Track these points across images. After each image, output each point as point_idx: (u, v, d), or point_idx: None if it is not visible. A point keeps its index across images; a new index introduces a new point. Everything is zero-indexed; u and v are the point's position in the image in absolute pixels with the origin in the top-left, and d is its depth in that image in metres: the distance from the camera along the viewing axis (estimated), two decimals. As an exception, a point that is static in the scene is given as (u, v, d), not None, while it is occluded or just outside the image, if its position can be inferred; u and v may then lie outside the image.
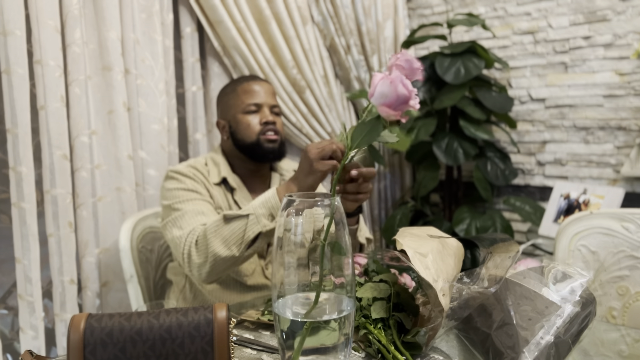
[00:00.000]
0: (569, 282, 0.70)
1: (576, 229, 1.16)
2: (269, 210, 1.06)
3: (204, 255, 1.08)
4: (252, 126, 1.29)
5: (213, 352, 0.58)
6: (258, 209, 1.06)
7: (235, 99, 1.32)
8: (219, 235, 1.07)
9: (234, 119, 1.31)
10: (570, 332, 0.67)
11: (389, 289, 0.82)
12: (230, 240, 1.06)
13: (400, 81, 0.56)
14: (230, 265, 1.09)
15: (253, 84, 1.32)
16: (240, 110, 1.30)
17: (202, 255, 1.09)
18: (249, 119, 1.29)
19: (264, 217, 1.06)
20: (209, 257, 1.07)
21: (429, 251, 0.75)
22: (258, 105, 1.30)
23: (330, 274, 0.63)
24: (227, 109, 1.34)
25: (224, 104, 1.36)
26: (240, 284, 1.26)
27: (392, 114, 0.57)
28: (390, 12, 2.40)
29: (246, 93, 1.31)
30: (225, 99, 1.35)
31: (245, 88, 1.32)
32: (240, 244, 1.06)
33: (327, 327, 0.62)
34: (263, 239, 1.08)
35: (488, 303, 0.73)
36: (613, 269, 1.12)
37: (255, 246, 1.08)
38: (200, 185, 1.25)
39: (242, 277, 1.24)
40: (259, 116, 1.30)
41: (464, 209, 2.14)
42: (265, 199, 1.07)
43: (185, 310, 0.60)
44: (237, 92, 1.32)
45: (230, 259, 1.07)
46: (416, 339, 0.74)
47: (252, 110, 1.30)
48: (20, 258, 1.30)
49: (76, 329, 0.57)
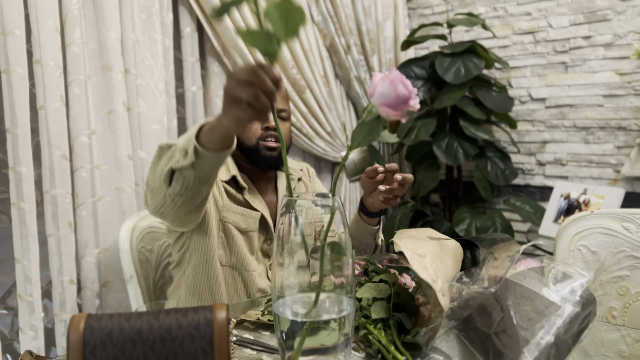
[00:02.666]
0: (569, 282, 0.70)
1: (576, 229, 1.16)
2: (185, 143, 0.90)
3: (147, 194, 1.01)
4: (253, 129, 1.23)
5: (213, 352, 0.58)
6: (181, 139, 0.94)
7: None
8: (154, 173, 0.99)
9: None
10: (571, 332, 0.67)
11: (389, 289, 0.82)
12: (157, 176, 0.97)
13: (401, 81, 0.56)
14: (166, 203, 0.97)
15: None
16: None
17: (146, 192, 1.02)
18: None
19: (179, 152, 0.91)
20: (148, 196, 1.01)
21: (427, 252, 0.75)
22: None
23: (330, 274, 0.63)
24: None
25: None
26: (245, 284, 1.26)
27: (393, 114, 0.57)
28: (390, 12, 2.40)
29: None
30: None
31: None
32: (160, 182, 0.95)
33: (327, 327, 0.62)
34: (179, 175, 0.92)
35: (488, 303, 0.73)
36: (613, 269, 1.12)
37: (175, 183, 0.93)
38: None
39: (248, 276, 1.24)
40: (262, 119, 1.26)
41: (464, 209, 2.14)
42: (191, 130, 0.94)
43: (185, 311, 0.60)
44: None
45: (162, 197, 0.97)
46: (416, 339, 0.73)
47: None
48: (19, 258, 1.30)
49: (76, 329, 0.57)
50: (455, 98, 2.02)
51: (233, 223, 1.21)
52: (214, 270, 1.24)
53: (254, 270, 1.24)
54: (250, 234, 1.23)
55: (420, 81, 2.21)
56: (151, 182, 0.99)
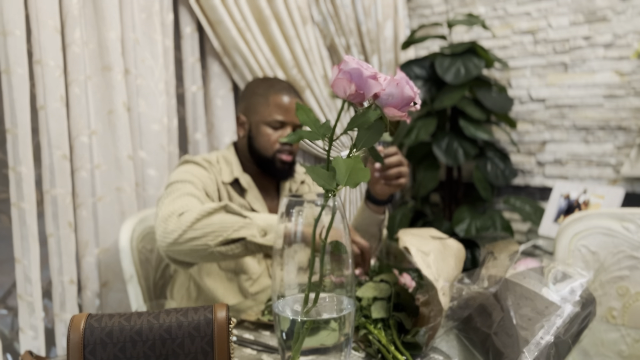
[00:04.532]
0: (569, 282, 0.70)
1: (576, 229, 1.16)
2: (266, 226, 1.01)
3: (178, 226, 0.99)
4: (272, 142, 1.27)
5: (213, 352, 0.58)
6: (258, 220, 1.01)
7: (265, 107, 1.28)
8: (204, 218, 0.99)
9: (256, 125, 1.28)
10: (570, 332, 0.67)
11: (390, 289, 0.82)
12: (212, 227, 0.98)
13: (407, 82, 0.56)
14: (197, 251, 1.00)
15: (286, 97, 1.28)
16: (264, 121, 1.27)
17: (176, 225, 1.00)
18: (269, 133, 1.26)
19: (257, 229, 1.00)
20: (181, 228, 0.99)
21: (430, 250, 0.75)
22: (283, 123, 1.27)
23: (330, 274, 0.63)
24: (252, 111, 1.30)
25: (251, 104, 1.31)
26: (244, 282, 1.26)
27: (398, 115, 0.57)
28: (390, 12, 2.40)
29: (277, 107, 1.27)
30: (254, 99, 1.31)
31: (277, 101, 1.27)
32: (217, 236, 0.98)
33: (327, 327, 0.63)
34: (243, 246, 1.00)
35: (488, 303, 0.73)
36: (613, 269, 1.12)
37: (229, 247, 0.99)
38: (211, 176, 1.23)
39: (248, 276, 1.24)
40: (281, 133, 1.27)
41: (464, 209, 2.14)
42: (271, 217, 1.03)
43: (185, 311, 0.60)
44: (269, 101, 1.28)
45: (199, 245, 0.99)
46: (416, 339, 0.74)
47: (276, 127, 1.27)
48: (20, 258, 1.30)
49: (76, 329, 0.57)
50: (455, 98, 2.02)
51: None
52: (212, 274, 1.25)
53: (253, 274, 1.24)
54: None
55: (420, 81, 2.21)
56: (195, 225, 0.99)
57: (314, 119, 0.61)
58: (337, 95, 0.58)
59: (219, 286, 1.25)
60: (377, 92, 0.57)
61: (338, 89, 0.57)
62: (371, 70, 0.56)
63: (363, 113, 0.59)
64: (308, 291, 0.60)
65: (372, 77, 0.56)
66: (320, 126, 0.61)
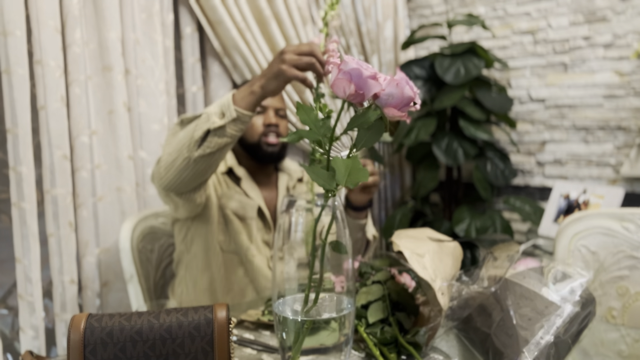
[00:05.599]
0: (569, 282, 0.70)
1: (576, 229, 1.16)
2: (220, 108, 1.03)
3: (161, 163, 1.08)
4: (255, 127, 1.31)
5: (213, 352, 0.58)
6: (211, 108, 1.04)
7: None
8: (173, 141, 1.06)
9: None
10: (570, 332, 0.67)
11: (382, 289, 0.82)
12: (182, 142, 1.04)
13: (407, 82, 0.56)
14: (183, 167, 1.05)
15: None
16: None
17: (160, 165, 1.09)
18: (253, 120, 1.30)
19: (214, 115, 1.02)
20: (162, 165, 1.08)
21: (426, 252, 0.75)
22: (264, 107, 1.32)
23: (330, 274, 0.64)
24: None
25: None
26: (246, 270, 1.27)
27: (398, 115, 0.57)
28: (390, 12, 2.40)
29: None
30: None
31: None
32: (189, 144, 1.03)
33: (327, 327, 0.63)
34: (213, 136, 1.02)
35: (488, 303, 0.73)
36: (613, 269, 1.12)
37: (206, 145, 1.03)
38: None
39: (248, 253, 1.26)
40: (263, 118, 1.32)
41: (463, 209, 2.14)
42: (221, 99, 1.05)
43: (185, 310, 0.61)
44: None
45: (180, 161, 1.05)
46: (416, 338, 0.74)
47: (257, 112, 1.31)
48: (20, 258, 1.30)
49: (76, 329, 0.57)
50: (455, 98, 2.02)
51: (231, 209, 1.27)
52: (216, 255, 1.26)
53: (254, 256, 1.26)
54: (248, 222, 1.28)
55: (420, 81, 2.21)
56: (168, 153, 1.06)
57: (315, 119, 0.61)
58: (337, 95, 0.58)
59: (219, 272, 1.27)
60: (377, 92, 0.57)
61: (338, 89, 0.57)
62: (371, 70, 0.56)
63: (363, 113, 0.59)
64: (308, 291, 0.61)
65: (372, 77, 0.56)
66: (320, 126, 0.61)
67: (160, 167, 1.10)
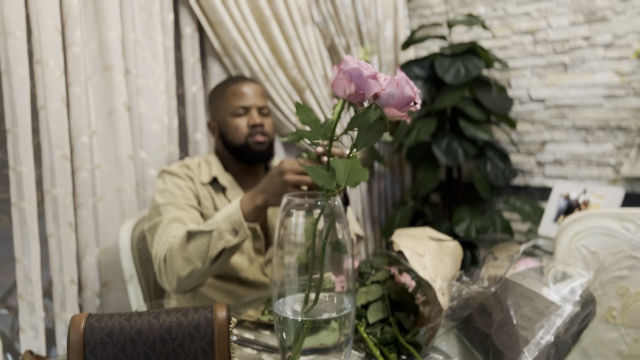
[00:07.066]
0: (569, 282, 0.70)
1: (576, 229, 1.16)
2: (232, 225, 1.06)
3: (171, 273, 1.10)
4: (240, 129, 1.30)
5: (213, 352, 0.58)
6: (221, 224, 1.06)
7: (224, 101, 1.33)
8: (183, 254, 1.08)
9: (223, 121, 1.33)
10: (570, 332, 0.67)
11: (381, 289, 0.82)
12: (194, 257, 1.07)
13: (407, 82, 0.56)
14: (198, 278, 1.09)
15: (241, 85, 1.33)
16: (228, 113, 1.32)
17: (169, 273, 1.10)
18: (237, 122, 1.31)
19: (227, 233, 1.05)
20: (174, 276, 1.09)
21: (426, 251, 0.75)
22: (246, 108, 1.32)
23: (330, 273, 0.63)
24: (216, 111, 1.36)
25: (214, 106, 1.37)
26: (238, 281, 1.26)
27: (398, 115, 0.57)
28: (390, 12, 2.40)
29: (234, 96, 1.32)
30: (214, 101, 1.37)
31: (233, 90, 1.32)
32: (204, 260, 1.06)
33: (327, 327, 0.63)
34: (227, 254, 1.08)
35: (488, 303, 0.73)
36: (613, 269, 1.12)
37: (220, 261, 1.08)
38: (188, 183, 1.26)
39: (240, 273, 1.25)
40: (247, 119, 1.31)
41: (463, 209, 2.14)
42: (229, 213, 1.07)
43: (185, 310, 0.61)
44: (226, 94, 1.33)
45: (196, 274, 1.08)
46: (416, 338, 0.74)
47: (240, 113, 1.31)
48: (20, 258, 1.30)
49: (76, 329, 0.57)
50: (455, 98, 2.02)
51: None
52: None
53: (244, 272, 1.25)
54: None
55: (420, 81, 2.21)
56: (180, 267, 1.08)
57: (314, 119, 0.61)
58: (337, 95, 0.58)
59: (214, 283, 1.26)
60: (377, 92, 0.57)
61: (338, 89, 0.57)
62: (371, 70, 0.56)
63: (363, 113, 0.59)
64: (308, 291, 0.60)
65: (372, 77, 0.56)
66: (320, 126, 0.61)
67: (170, 275, 1.10)
